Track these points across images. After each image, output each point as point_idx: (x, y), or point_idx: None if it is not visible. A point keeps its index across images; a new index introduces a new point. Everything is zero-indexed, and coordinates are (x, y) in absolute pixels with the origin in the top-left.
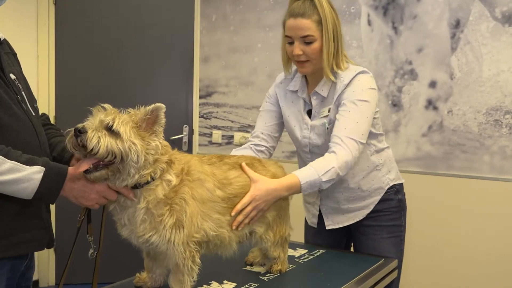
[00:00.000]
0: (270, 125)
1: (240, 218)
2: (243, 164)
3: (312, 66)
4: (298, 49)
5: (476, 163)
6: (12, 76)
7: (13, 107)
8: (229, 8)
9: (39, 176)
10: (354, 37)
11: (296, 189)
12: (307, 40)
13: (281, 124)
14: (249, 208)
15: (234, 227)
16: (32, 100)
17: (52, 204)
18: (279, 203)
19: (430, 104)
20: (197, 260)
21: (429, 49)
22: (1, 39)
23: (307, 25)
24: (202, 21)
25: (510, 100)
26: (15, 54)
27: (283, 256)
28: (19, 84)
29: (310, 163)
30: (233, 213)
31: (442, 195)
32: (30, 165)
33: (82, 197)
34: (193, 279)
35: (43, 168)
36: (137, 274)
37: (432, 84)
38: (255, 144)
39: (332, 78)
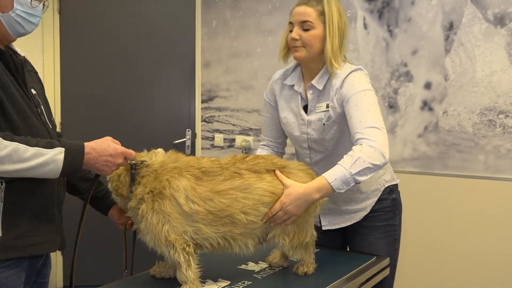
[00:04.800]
0: (276, 130)
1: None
2: (277, 171)
3: (306, 52)
4: (295, 33)
5: (471, 163)
6: (33, 91)
7: (33, 119)
8: (229, 14)
9: (61, 156)
10: (350, 40)
11: (327, 189)
12: (305, 27)
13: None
14: (280, 214)
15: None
16: (50, 115)
17: (78, 177)
18: None
19: (426, 105)
20: (191, 251)
21: (424, 51)
22: (24, 58)
23: (308, 12)
24: (203, 27)
25: (503, 100)
26: (36, 73)
27: (307, 258)
28: (38, 99)
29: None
30: (264, 220)
31: (438, 194)
32: (50, 148)
33: (105, 167)
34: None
35: (63, 149)
36: (157, 263)
37: (427, 86)
38: (268, 146)
39: (331, 69)
